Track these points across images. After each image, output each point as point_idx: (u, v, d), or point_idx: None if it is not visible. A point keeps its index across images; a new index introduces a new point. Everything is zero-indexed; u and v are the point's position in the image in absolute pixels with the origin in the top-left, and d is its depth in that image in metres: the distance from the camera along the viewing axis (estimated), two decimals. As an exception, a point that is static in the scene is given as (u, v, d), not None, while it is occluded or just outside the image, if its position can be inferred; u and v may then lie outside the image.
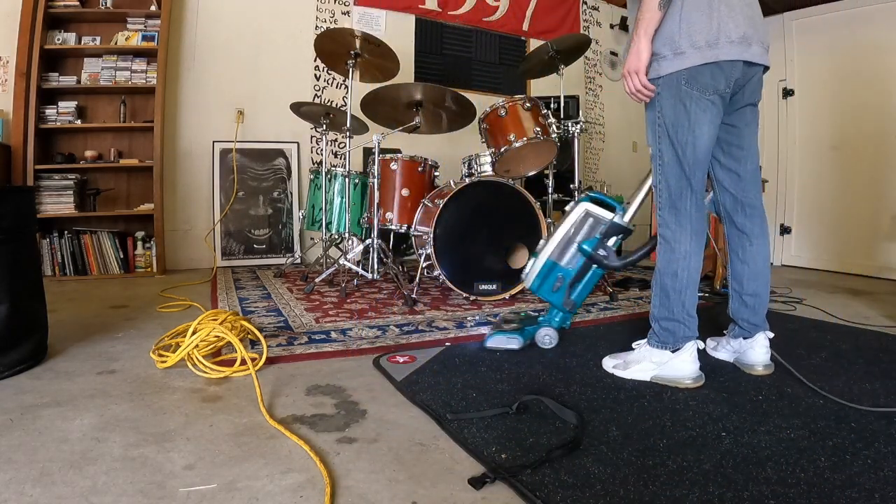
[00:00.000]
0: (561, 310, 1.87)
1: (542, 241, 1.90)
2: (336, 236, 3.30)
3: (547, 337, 1.86)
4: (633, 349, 1.63)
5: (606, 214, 1.79)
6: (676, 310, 1.52)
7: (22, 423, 1.22)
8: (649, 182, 1.68)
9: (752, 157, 1.60)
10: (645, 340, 1.61)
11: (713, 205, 1.70)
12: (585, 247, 1.79)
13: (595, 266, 1.83)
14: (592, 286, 1.90)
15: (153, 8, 3.52)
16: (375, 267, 2.79)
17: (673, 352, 1.53)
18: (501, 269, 2.66)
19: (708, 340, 1.76)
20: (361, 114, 3.14)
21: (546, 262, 1.83)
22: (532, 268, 1.85)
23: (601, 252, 1.78)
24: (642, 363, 1.56)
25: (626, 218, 1.79)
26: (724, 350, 1.72)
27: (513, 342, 1.82)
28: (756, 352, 1.61)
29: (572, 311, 1.90)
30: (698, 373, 1.51)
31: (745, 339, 1.64)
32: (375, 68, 3.07)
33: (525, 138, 2.69)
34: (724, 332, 1.75)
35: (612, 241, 1.80)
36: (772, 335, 1.62)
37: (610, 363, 1.64)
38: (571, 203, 1.88)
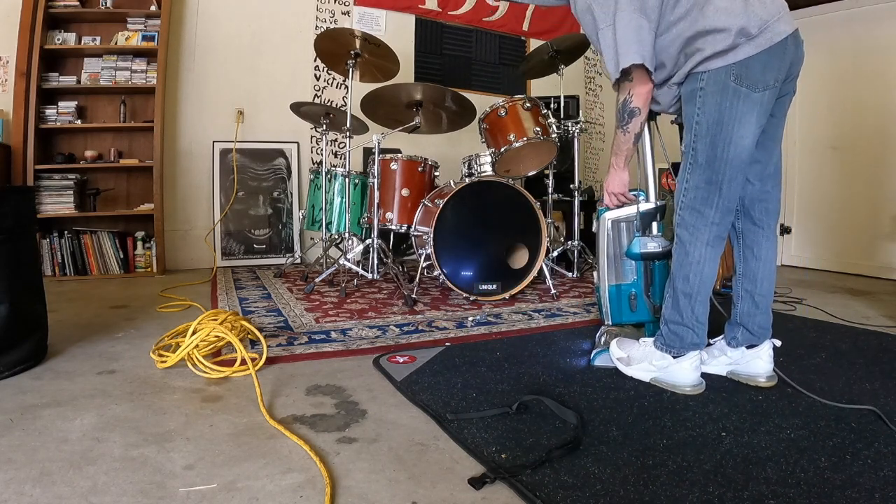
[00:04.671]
0: (653, 321, 1.73)
1: (594, 275, 1.81)
2: (336, 236, 3.30)
3: None
4: (639, 342, 1.59)
5: (629, 211, 1.68)
6: (686, 314, 1.45)
7: (22, 423, 1.22)
8: (649, 153, 1.63)
9: (778, 150, 1.52)
10: (652, 339, 1.55)
11: None
12: (633, 251, 1.67)
13: (655, 261, 1.71)
14: (667, 276, 1.72)
15: (153, 8, 3.52)
16: (375, 267, 2.79)
17: (675, 357, 1.47)
18: (501, 269, 2.66)
19: None
20: (361, 114, 3.14)
21: (609, 290, 1.73)
22: (602, 304, 1.75)
23: (651, 245, 1.64)
24: (643, 363, 1.53)
25: (651, 198, 1.65)
26: (716, 362, 1.57)
27: None
28: (762, 361, 1.49)
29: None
30: (699, 380, 1.46)
31: (748, 348, 1.51)
32: (375, 68, 3.07)
33: (525, 138, 2.69)
34: (710, 341, 1.59)
35: (654, 228, 1.66)
36: (778, 343, 1.52)
37: (616, 352, 1.60)
38: (594, 223, 1.78)
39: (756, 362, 1.50)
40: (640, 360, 1.54)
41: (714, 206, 1.41)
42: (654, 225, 1.66)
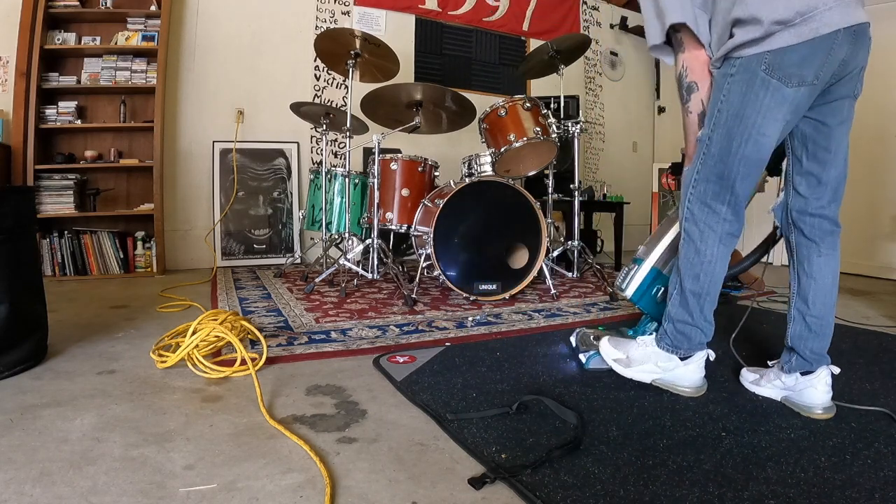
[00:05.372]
0: (658, 320, 1.69)
1: (641, 248, 1.72)
2: (336, 236, 3.30)
3: None
4: (636, 342, 1.50)
5: None
6: (695, 314, 1.39)
7: (22, 423, 1.22)
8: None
9: (839, 163, 1.32)
10: (652, 337, 1.48)
11: (780, 209, 1.44)
12: None
13: None
14: None
15: (153, 8, 3.52)
16: (375, 267, 2.79)
17: (682, 359, 1.41)
18: (501, 269, 2.66)
19: (745, 372, 1.52)
20: (361, 114, 3.14)
21: (651, 270, 1.66)
22: (633, 276, 1.68)
23: None
24: (646, 364, 1.45)
25: None
26: (770, 386, 1.42)
27: None
28: (818, 391, 1.32)
29: None
30: (702, 381, 1.43)
31: (802, 374, 1.35)
32: (375, 68, 3.07)
33: (525, 138, 2.69)
34: (769, 363, 1.48)
35: None
36: (837, 370, 1.35)
37: (611, 353, 1.52)
38: (675, 208, 1.69)
39: (810, 392, 1.33)
40: (642, 360, 1.47)
41: (726, 202, 1.33)
42: None
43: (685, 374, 1.41)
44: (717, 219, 1.34)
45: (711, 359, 1.43)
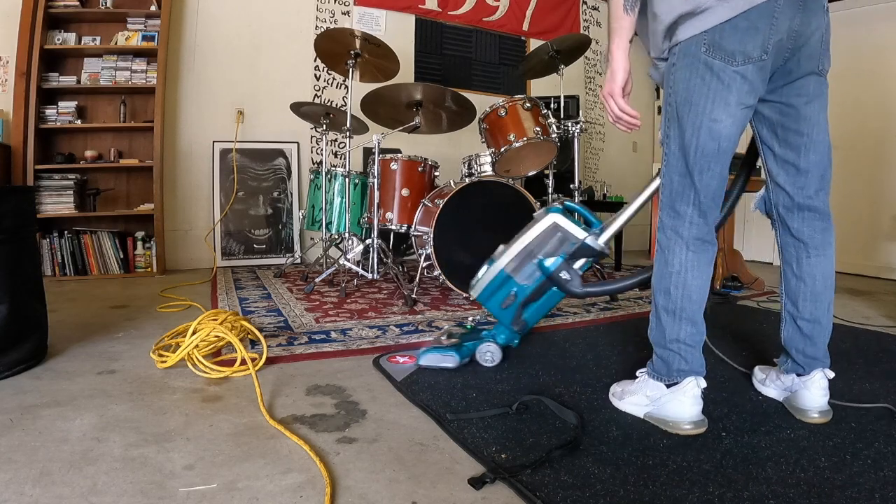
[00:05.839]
0: (508, 328, 1.67)
1: (500, 247, 1.65)
2: (336, 236, 3.30)
3: (489, 354, 1.65)
4: (636, 376, 1.37)
5: (578, 233, 1.52)
6: (669, 336, 1.25)
7: (22, 423, 1.21)
8: (644, 195, 1.43)
9: (818, 146, 1.24)
10: (646, 371, 1.36)
11: (763, 203, 1.37)
12: (546, 265, 1.53)
13: (554, 288, 1.58)
14: (550, 308, 1.67)
15: (153, 8, 3.52)
16: (375, 267, 2.79)
17: (668, 386, 1.26)
18: (501, 269, 2.66)
19: (757, 370, 1.49)
20: (361, 114, 3.14)
21: (500, 273, 1.60)
22: (483, 276, 1.63)
23: (563, 275, 1.51)
24: (637, 395, 1.33)
25: (603, 239, 1.51)
26: (773, 386, 1.40)
27: (447, 360, 1.61)
28: (811, 394, 1.27)
29: (521, 332, 1.69)
30: (699, 416, 1.23)
31: (798, 375, 1.31)
32: (375, 68, 3.07)
33: (525, 138, 2.69)
34: (775, 360, 1.43)
35: (579, 264, 1.54)
36: (832, 375, 1.29)
37: (612, 389, 1.44)
38: (541, 210, 1.62)
39: (804, 394, 1.28)
40: (633, 391, 1.35)
41: (690, 202, 1.22)
42: (582, 261, 1.55)
43: (674, 405, 1.24)
44: (682, 222, 1.24)
45: (703, 386, 1.25)
